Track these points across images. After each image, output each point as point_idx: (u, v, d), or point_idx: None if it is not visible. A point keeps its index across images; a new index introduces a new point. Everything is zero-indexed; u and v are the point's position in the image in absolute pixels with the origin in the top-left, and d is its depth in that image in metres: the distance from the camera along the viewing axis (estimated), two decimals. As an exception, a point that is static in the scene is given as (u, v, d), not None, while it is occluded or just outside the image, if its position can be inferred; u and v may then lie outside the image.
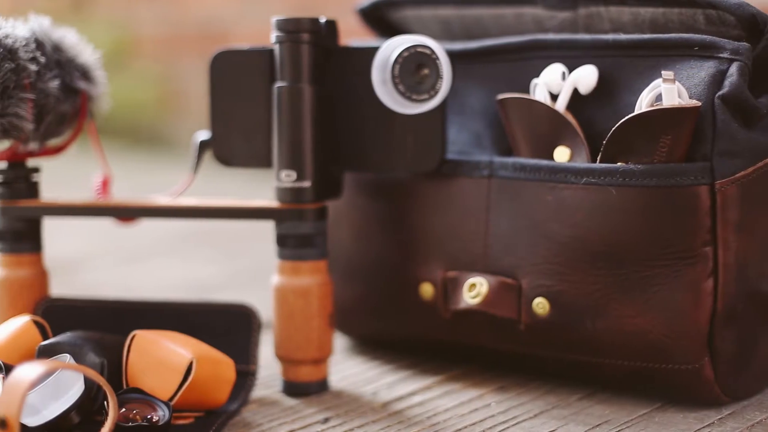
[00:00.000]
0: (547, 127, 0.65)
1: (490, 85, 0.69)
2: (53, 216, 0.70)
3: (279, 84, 0.67)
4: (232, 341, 0.69)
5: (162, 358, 0.62)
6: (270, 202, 0.68)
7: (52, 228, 0.71)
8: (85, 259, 1.16)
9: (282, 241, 0.67)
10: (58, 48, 0.70)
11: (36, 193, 0.71)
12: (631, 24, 0.67)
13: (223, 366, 0.64)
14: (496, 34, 0.73)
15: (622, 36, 0.65)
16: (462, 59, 0.70)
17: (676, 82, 0.61)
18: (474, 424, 0.63)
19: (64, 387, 0.59)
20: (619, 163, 0.62)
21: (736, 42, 0.62)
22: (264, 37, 0.78)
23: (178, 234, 1.30)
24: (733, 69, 0.61)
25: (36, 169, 0.71)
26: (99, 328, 0.68)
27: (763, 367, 0.66)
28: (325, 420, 0.64)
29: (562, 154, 0.65)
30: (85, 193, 0.81)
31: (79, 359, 0.62)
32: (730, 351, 0.63)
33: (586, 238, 0.63)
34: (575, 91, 0.65)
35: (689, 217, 0.61)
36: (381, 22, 0.79)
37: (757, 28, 0.63)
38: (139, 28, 2.30)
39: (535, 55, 0.68)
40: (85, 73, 0.72)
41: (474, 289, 0.67)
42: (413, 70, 0.65)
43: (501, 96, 0.67)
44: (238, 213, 0.68)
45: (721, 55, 0.62)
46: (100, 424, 0.59)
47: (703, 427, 0.62)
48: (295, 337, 0.67)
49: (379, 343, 0.77)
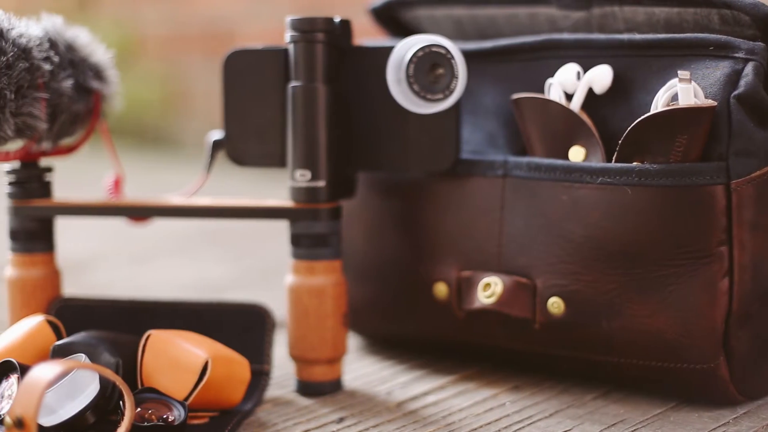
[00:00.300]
0: (562, 126, 0.65)
1: (504, 85, 0.69)
2: (66, 216, 0.70)
3: (294, 83, 0.67)
4: (246, 341, 0.69)
5: (177, 358, 0.62)
6: (284, 201, 0.68)
7: (59, 228, 0.71)
8: (93, 259, 1.16)
9: (296, 240, 0.67)
10: (71, 47, 0.70)
11: (49, 193, 0.71)
12: (645, 24, 0.67)
13: (238, 366, 0.64)
14: (510, 33, 0.73)
15: (638, 36, 0.65)
16: (476, 59, 0.70)
17: (692, 82, 0.61)
18: (489, 423, 0.63)
19: (80, 387, 0.59)
20: (634, 163, 0.62)
21: (751, 42, 0.62)
22: (270, 37, 0.78)
23: (185, 233, 1.30)
24: (748, 69, 0.61)
25: (49, 169, 0.71)
26: (112, 327, 0.68)
27: (777, 366, 0.66)
28: (340, 420, 0.64)
29: (577, 154, 0.65)
30: (95, 192, 0.81)
31: (94, 359, 0.62)
32: (745, 350, 0.63)
33: (602, 238, 0.63)
34: (590, 90, 0.65)
35: (705, 217, 0.61)
36: (393, 21, 0.79)
37: (772, 28, 0.63)
38: (144, 28, 2.30)
39: (550, 55, 0.68)
40: (98, 73, 0.72)
41: (489, 289, 0.67)
42: (428, 70, 0.65)
43: (516, 96, 0.67)
44: (253, 213, 0.68)
45: (736, 54, 0.62)
46: (115, 423, 0.59)
47: (718, 426, 0.62)
48: (310, 336, 0.67)
49: (392, 342, 0.77)
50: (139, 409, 0.60)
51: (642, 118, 0.61)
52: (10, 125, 0.63)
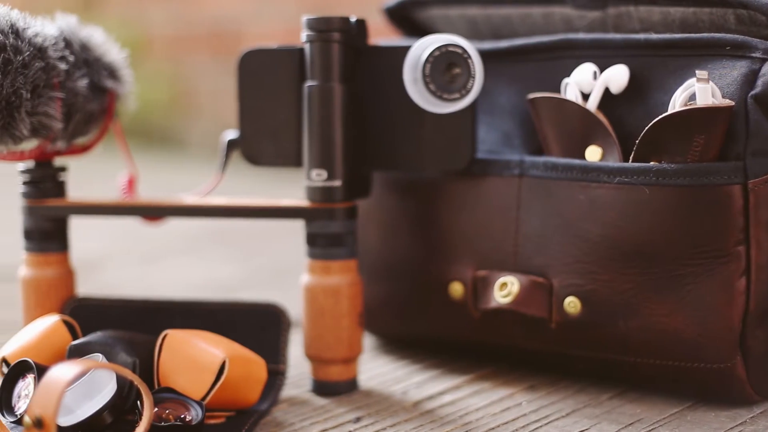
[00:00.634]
0: (579, 126, 0.65)
1: (520, 85, 0.69)
2: (80, 215, 0.70)
3: (310, 83, 0.67)
4: (262, 340, 0.69)
5: (194, 358, 0.62)
6: (300, 201, 0.68)
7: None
8: (101, 259, 1.16)
9: (312, 240, 0.67)
10: (85, 47, 0.70)
11: (63, 193, 0.71)
12: (660, 23, 0.67)
13: (254, 365, 0.63)
14: (524, 33, 0.73)
15: (654, 36, 0.65)
16: (492, 58, 0.70)
17: (710, 82, 0.61)
18: (506, 423, 0.63)
19: (97, 387, 0.59)
20: (652, 163, 0.62)
21: (767, 42, 0.62)
22: (276, 37, 0.78)
23: (192, 233, 1.30)
24: (765, 69, 0.61)
25: (63, 168, 0.71)
26: (127, 327, 0.68)
27: (794, 366, 0.66)
28: (357, 419, 0.64)
29: (593, 154, 0.65)
30: (106, 192, 0.81)
31: (110, 359, 0.62)
32: (762, 350, 0.63)
33: (619, 238, 0.63)
34: (606, 90, 0.65)
35: (722, 217, 0.61)
36: (407, 21, 0.79)
37: (789, 28, 0.63)
38: (151, 28, 2.30)
39: (566, 55, 0.67)
40: (112, 72, 0.72)
41: (505, 289, 0.67)
42: (444, 69, 0.65)
43: (532, 95, 0.67)
44: (269, 212, 0.68)
45: (753, 54, 0.62)
46: (131, 423, 0.59)
47: (735, 425, 0.62)
48: (325, 336, 0.67)
49: (406, 342, 0.77)
50: (156, 408, 0.60)
51: (660, 117, 0.61)
52: (26, 124, 0.63)
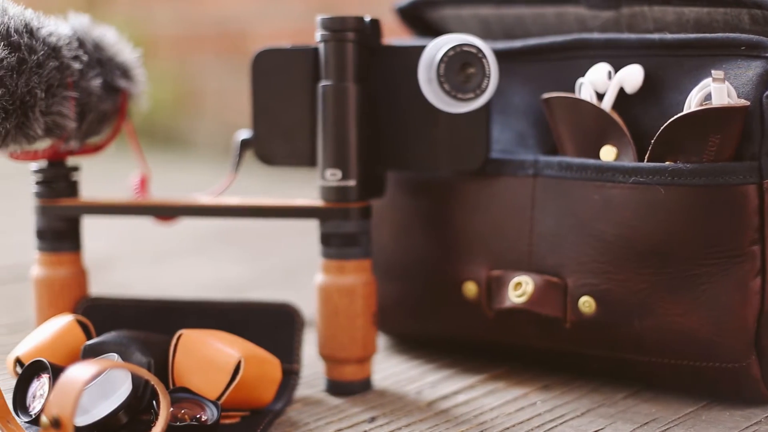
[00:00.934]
0: (594, 126, 0.65)
1: (534, 85, 0.69)
2: (93, 215, 0.70)
3: (324, 83, 0.67)
4: (276, 340, 0.69)
5: (210, 358, 0.62)
6: (314, 200, 0.68)
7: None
8: (110, 259, 1.16)
9: (326, 240, 0.67)
10: (98, 46, 0.70)
11: (76, 192, 0.71)
12: (675, 24, 0.67)
13: (269, 365, 0.63)
14: (537, 33, 0.73)
15: (669, 36, 0.65)
16: (505, 58, 0.70)
17: (726, 82, 0.61)
18: (521, 422, 0.63)
19: (113, 386, 0.59)
20: (667, 163, 0.62)
21: (783, 42, 0.62)
22: (282, 37, 0.78)
23: (201, 233, 1.30)
24: (780, 69, 0.61)
25: (75, 168, 0.71)
26: (140, 327, 0.68)
27: (808, 366, 0.66)
28: (372, 419, 0.64)
29: (608, 153, 0.65)
30: (118, 191, 0.81)
31: (125, 358, 0.62)
32: (776, 350, 0.63)
33: (634, 237, 0.63)
34: (621, 90, 0.65)
35: (737, 216, 0.61)
36: (419, 21, 0.78)
37: (804, 28, 0.63)
38: (156, 28, 2.30)
39: (581, 55, 0.67)
40: (125, 72, 0.72)
41: (519, 288, 0.67)
42: (459, 69, 0.65)
43: (547, 95, 0.67)
44: (283, 212, 0.68)
45: (768, 54, 0.62)
46: (147, 423, 0.59)
47: (750, 425, 0.62)
48: (340, 336, 0.67)
49: (419, 342, 0.77)
50: (171, 408, 0.60)
51: (675, 117, 0.61)
52: (40, 124, 0.63)
